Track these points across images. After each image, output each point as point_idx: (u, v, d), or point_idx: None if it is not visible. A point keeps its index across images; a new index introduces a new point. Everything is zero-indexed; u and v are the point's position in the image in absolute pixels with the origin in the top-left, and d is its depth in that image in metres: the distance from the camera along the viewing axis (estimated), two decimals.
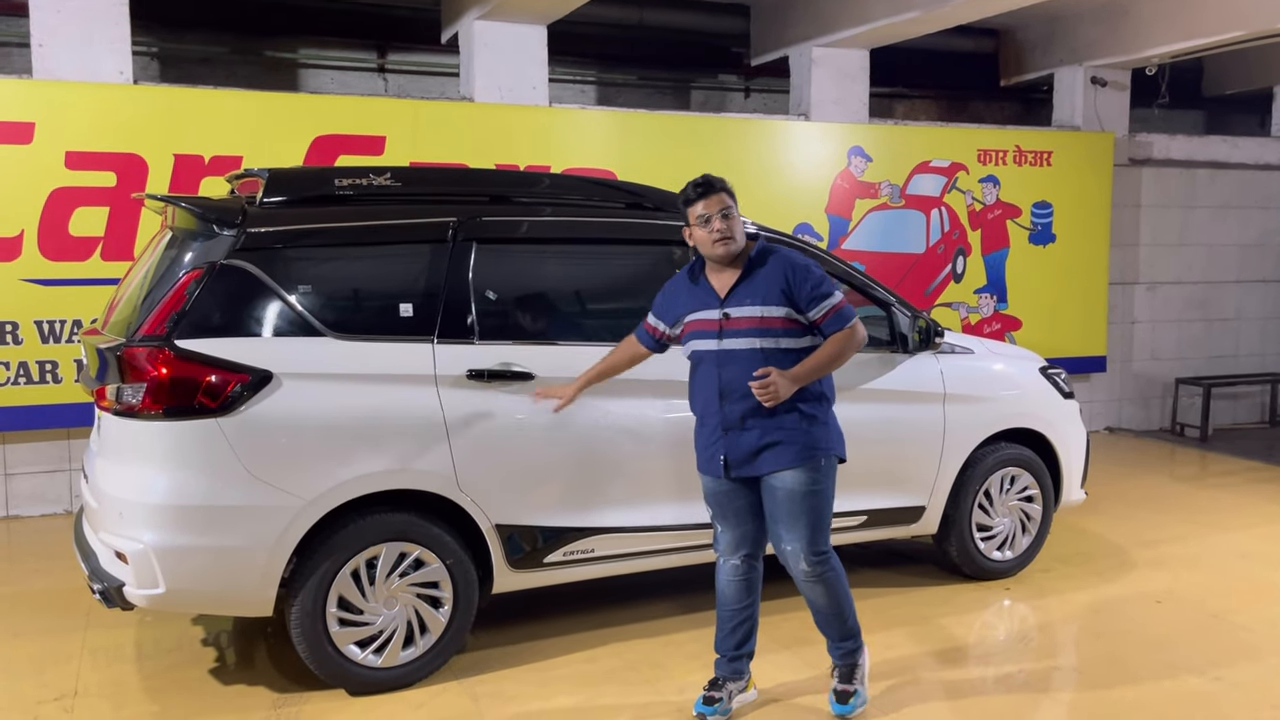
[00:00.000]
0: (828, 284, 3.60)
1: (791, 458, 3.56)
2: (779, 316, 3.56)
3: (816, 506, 3.60)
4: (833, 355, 3.56)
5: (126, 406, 3.63)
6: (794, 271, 3.58)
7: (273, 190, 3.91)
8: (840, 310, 3.57)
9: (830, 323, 3.56)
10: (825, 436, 3.62)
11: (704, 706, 3.74)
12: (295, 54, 8.14)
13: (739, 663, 3.82)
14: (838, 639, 3.80)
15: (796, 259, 3.64)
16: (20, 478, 6.34)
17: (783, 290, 3.56)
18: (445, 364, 3.94)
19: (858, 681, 3.80)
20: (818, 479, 3.59)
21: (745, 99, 9.59)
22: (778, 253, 3.67)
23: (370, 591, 3.84)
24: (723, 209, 3.58)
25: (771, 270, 3.60)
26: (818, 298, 3.56)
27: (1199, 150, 9.54)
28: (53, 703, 3.85)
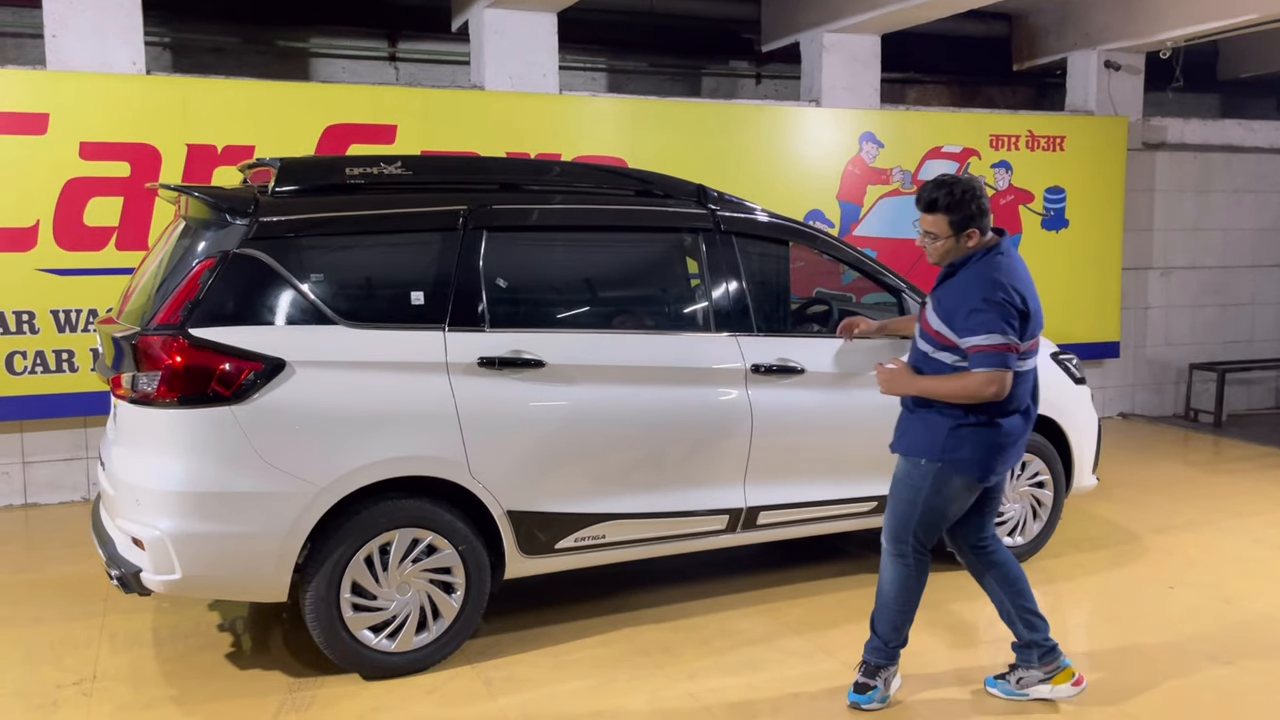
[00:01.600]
0: (990, 321, 3.39)
1: (901, 445, 3.71)
2: (936, 329, 3.57)
3: (904, 499, 3.65)
4: (949, 389, 3.49)
5: (142, 395, 3.67)
6: (969, 289, 3.46)
7: (284, 179, 3.94)
8: (985, 352, 3.39)
9: (972, 358, 3.43)
10: (938, 443, 3.54)
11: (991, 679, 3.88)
12: (306, 43, 8.16)
13: (1025, 651, 3.82)
14: (880, 634, 3.76)
15: (985, 280, 3.45)
16: (38, 465, 6.40)
17: (950, 306, 3.51)
18: (456, 352, 3.96)
19: (879, 681, 3.74)
20: (913, 476, 3.62)
21: (756, 85, 9.56)
22: (981, 264, 3.50)
23: (383, 577, 3.88)
24: (928, 232, 3.56)
25: (958, 282, 3.53)
26: (970, 329, 3.43)
27: (1214, 134, 9.47)
28: (72, 686, 3.91)
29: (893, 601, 3.74)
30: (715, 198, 4.63)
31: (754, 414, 4.44)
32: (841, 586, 4.91)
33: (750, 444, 4.45)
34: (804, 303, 5.20)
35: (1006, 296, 3.42)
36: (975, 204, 3.49)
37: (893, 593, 3.73)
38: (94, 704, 3.77)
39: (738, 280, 4.55)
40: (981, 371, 3.41)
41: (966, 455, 3.54)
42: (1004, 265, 3.50)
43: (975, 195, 3.50)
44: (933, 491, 3.60)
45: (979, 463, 3.56)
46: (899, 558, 3.71)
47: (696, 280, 4.63)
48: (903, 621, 3.75)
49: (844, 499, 4.72)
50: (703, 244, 4.53)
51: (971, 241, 3.52)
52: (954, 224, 3.50)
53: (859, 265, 4.90)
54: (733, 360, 4.45)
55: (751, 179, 7.54)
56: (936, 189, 3.52)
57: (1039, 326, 3.55)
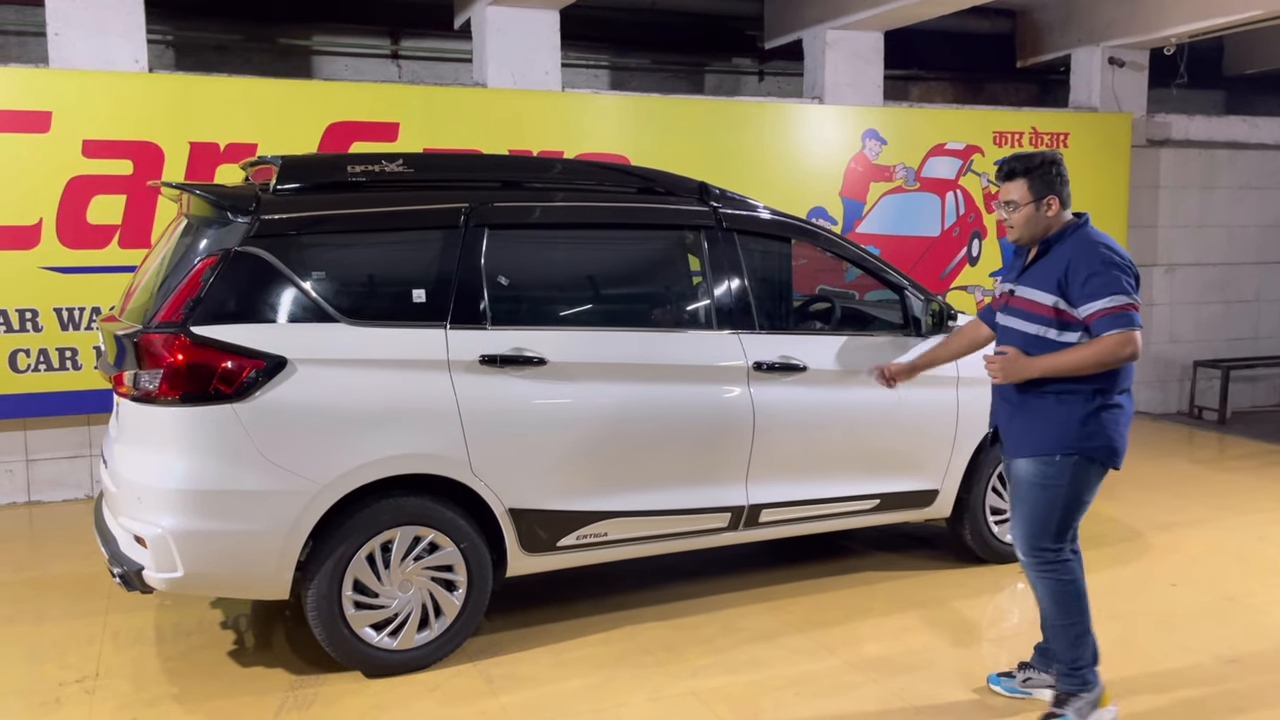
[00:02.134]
0: (1112, 282, 3.28)
1: (1028, 445, 3.47)
2: (1047, 304, 3.40)
3: (1039, 502, 3.45)
4: (1083, 358, 3.31)
5: (144, 392, 3.67)
6: (1077, 258, 3.34)
7: (286, 177, 3.93)
8: (1113, 314, 3.26)
9: (1097, 323, 3.28)
10: (1071, 434, 3.38)
11: (995, 676, 3.84)
12: (309, 41, 8.16)
13: (1048, 655, 3.69)
14: (1063, 658, 3.55)
15: (1092, 246, 3.35)
16: (42, 463, 6.41)
17: (1059, 278, 3.36)
18: (458, 349, 3.96)
19: (1069, 711, 3.48)
20: (1048, 475, 3.42)
21: (759, 82, 9.55)
22: (1078, 236, 3.41)
23: (385, 575, 3.88)
24: (1007, 200, 3.48)
25: (1060, 253, 3.40)
26: (1090, 294, 3.29)
27: (1218, 131, 9.44)
28: (74, 684, 3.91)
29: (1058, 617, 3.53)
30: (717, 195, 4.63)
31: (756, 411, 4.44)
32: (845, 584, 4.91)
33: (752, 441, 4.44)
34: (806, 300, 5.19)
35: (1121, 259, 3.34)
36: (1055, 170, 3.45)
37: (1054, 608, 3.53)
38: (96, 702, 3.78)
39: (740, 277, 4.54)
40: (1115, 333, 3.25)
41: (1102, 442, 3.39)
42: (1103, 236, 3.43)
43: (1055, 162, 3.47)
44: (1071, 486, 3.42)
45: (1114, 447, 3.42)
46: (1047, 567, 3.50)
47: (698, 278, 4.62)
48: (1078, 636, 3.51)
49: (847, 496, 4.72)
50: (705, 241, 4.52)
51: (1051, 211, 3.44)
52: (1033, 188, 3.43)
53: (861, 263, 4.89)
54: (735, 358, 4.44)
55: (754, 176, 7.53)
56: (1017, 159, 3.50)
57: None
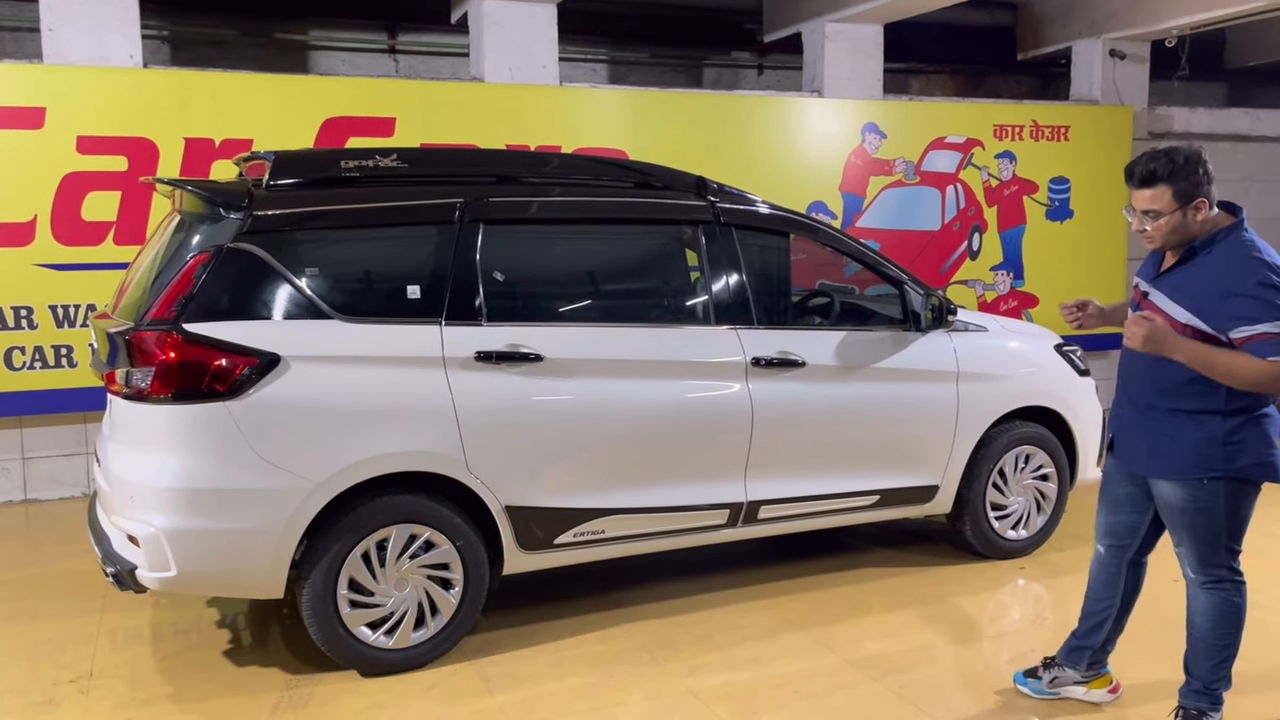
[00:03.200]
0: (1262, 307, 2.99)
1: (1168, 468, 3.24)
2: (1180, 322, 3.12)
3: (1199, 525, 3.24)
4: (1231, 367, 3.01)
5: (136, 390, 3.64)
6: (1225, 276, 3.06)
7: (279, 173, 3.90)
8: (1263, 341, 2.97)
9: (1251, 346, 3.00)
10: (1213, 454, 3.15)
11: (1021, 675, 3.76)
12: (305, 36, 8.12)
13: (1079, 654, 3.63)
14: (1198, 676, 3.39)
15: (1244, 261, 3.05)
16: (38, 461, 6.39)
17: (1199, 297, 3.09)
18: (453, 346, 3.92)
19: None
20: (1199, 497, 3.20)
21: (759, 76, 9.51)
22: (1229, 244, 3.10)
23: (381, 573, 3.85)
24: (1145, 210, 3.15)
25: (1205, 268, 3.11)
26: (1241, 317, 3.01)
27: (1220, 123, 9.39)
28: (69, 684, 3.89)
29: (1212, 636, 3.36)
30: (715, 189, 4.59)
31: (754, 407, 4.40)
32: (844, 581, 4.88)
33: (751, 437, 4.41)
34: (805, 295, 5.16)
35: (1275, 274, 3.02)
36: (1202, 169, 3.10)
37: (1211, 627, 3.36)
38: (91, 701, 3.75)
39: (738, 273, 4.51)
40: (1274, 361, 2.96)
41: (1250, 459, 3.16)
42: (1259, 244, 3.11)
43: (1201, 160, 3.11)
44: (1230, 509, 3.21)
45: (1265, 464, 3.19)
46: (1217, 586, 3.32)
47: (696, 273, 4.59)
48: (1226, 659, 3.37)
49: (846, 492, 4.69)
50: (702, 236, 4.49)
51: (1200, 215, 3.11)
52: (1179, 195, 3.08)
53: (861, 257, 4.86)
54: (733, 353, 4.41)
55: (753, 170, 7.49)
56: (1154, 159, 3.12)
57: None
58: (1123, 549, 3.52)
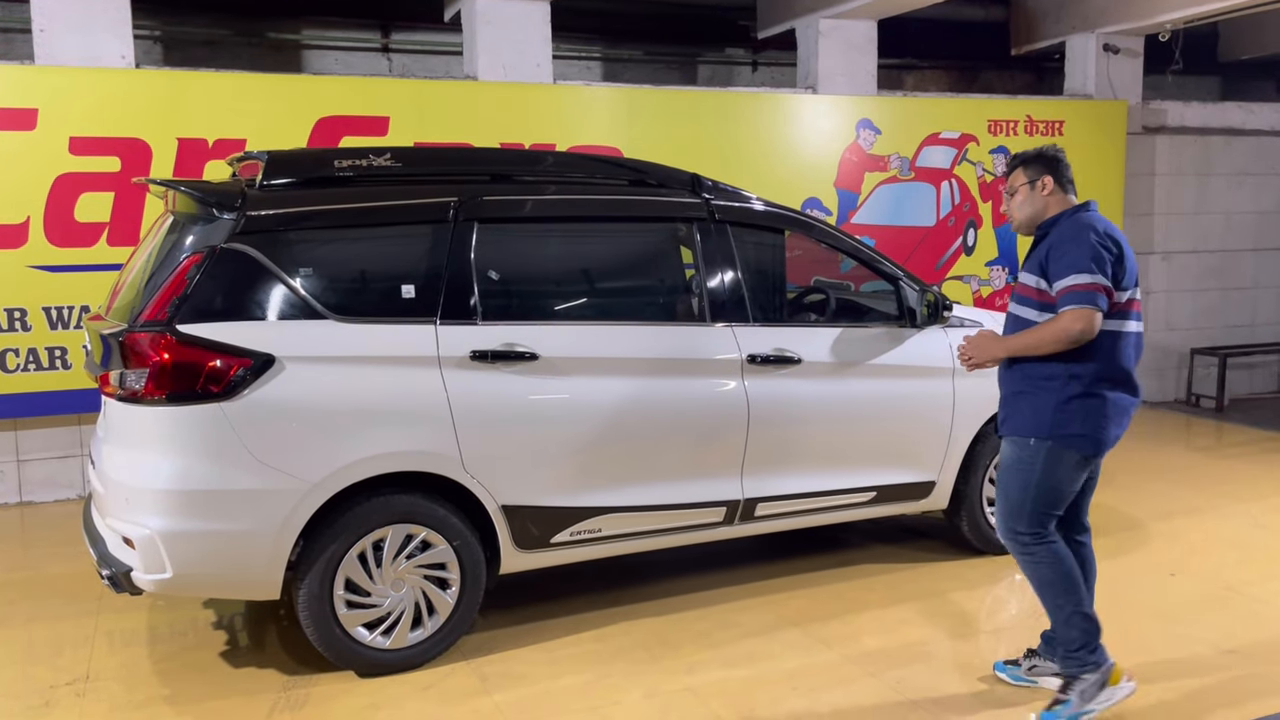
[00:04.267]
0: (1079, 260, 3.32)
1: (1007, 427, 3.58)
2: (1031, 286, 3.51)
3: (1010, 484, 3.53)
4: (1039, 337, 3.39)
5: (130, 392, 3.62)
6: (1060, 239, 3.42)
7: (272, 173, 3.89)
8: (1072, 291, 3.31)
9: (1060, 300, 3.35)
10: (1046, 419, 3.43)
11: (1001, 664, 3.85)
12: (298, 35, 8.10)
13: (1054, 644, 3.67)
14: (1060, 640, 3.57)
15: (1078, 228, 3.40)
16: (33, 464, 6.37)
17: (1041, 260, 3.47)
18: (448, 345, 3.91)
19: (1073, 694, 3.48)
20: (1020, 458, 3.49)
21: (753, 73, 9.50)
22: (1065, 223, 3.47)
23: (377, 573, 3.84)
24: (1009, 188, 3.65)
25: (1046, 242, 3.50)
26: (1058, 272, 3.36)
27: (1214, 117, 9.40)
28: (65, 686, 3.88)
29: (1044, 600, 3.57)
30: (710, 186, 4.58)
31: (750, 405, 4.40)
32: (841, 578, 4.88)
33: (747, 435, 4.41)
34: (801, 292, 5.16)
35: (1098, 239, 3.36)
36: (1051, 157, 3.57)
37: (1039, 592, 3.57)
38: (87, 704, 3.74)
39: (733, 270, 4.50)
40: (1067, 310, 3.31)
41: (1077, 429, 3.42)
42: (1095, 219, 3.46)
43: (1053, 152, 3.59)
44: (1045, 472, 3.46)
45: (1090, 436, 3.44)
46: (1023, 552, 3.56)
47: (691, 270, 4.58)
48: (1066, 618, 3.51)
49: (843, 489, 4.69)
50: (697, 234, 4.48)
51: (1046, 190, 3.53)
52: (1028, 171, 3.57)
53: (856, 253, 4.86)
54: (729, 351, 4.40)
55: (748, 167, 7.48)
56: (1020, 152, 3.68)
57: (1133, 281, 3.45)
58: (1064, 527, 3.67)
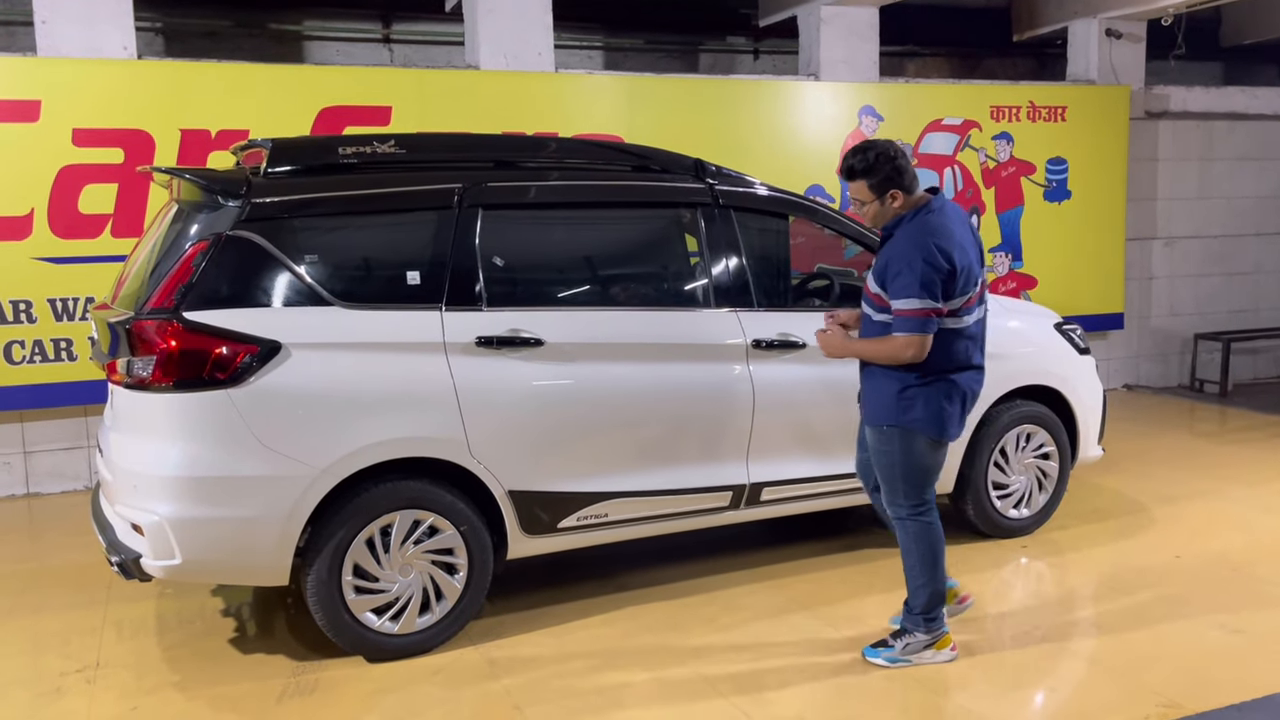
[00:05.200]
0: (911, 284, 3.50)
1: (867, 415, 3.83)
2: (873, 290, 3.70)
3: (883, 466, 3.80)
4: (875, 351, 3.68)
5: (137, 379, 3.64)
6: (898, 254, 3.57)
7: (276, 160, 3.90)
8: (904, 317, 3.54)
9: (894, 322, 3.60)
10: (892, 408, 3.68)
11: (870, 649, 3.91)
12: (299, 26, 8.09)
13: None
14: (910, 601, 3.86)
15: (915, 242, 3.54)
16: (40, 455, 6.39)
17: (882, 269, 3.64)
18: (454, 331, 3.92)
19: (898, 643, 3.82)
20: (880, 442, 3.77)
21: (754, 61, 9.48)
22: (912, 225, 3.60)
23: (385, 559, 3.85)
24: (854, 197, 3.71)
25: (891, 245, 3.64)
26: (894, 293, 3.57)
27: (1217, 102, 9.38)
28: (76, 674, 3.90)
29: (908, 567, 3.85)
30: (713, 172, 4.59)
31: (756, 389, 4.41)
32: (847, 561, 4.89)
33: (752, 420, 4.42)
34: (805, 277, 5.15)
35: (929, 258, 3.51)
36: (891, 165, 3.59)
37: (907, 558, 3.85)
38: (97, 691, 3.76)
39: (737, 255, 4.50)
40: (900, 336, 3.56)
41: (919, 414, 3.67)
42: (933, 224, 3.59)
43: (890, 157, 3.59)
44: (903, 454, 3.73)
45: (932, 421, 3.68)
46: (897, 521, 3.87)
47: (696, 256, 4.59)
48: (919, 586, 3.80)
49: (848, 473, 4.68)
50: (701, 219, 4.48)
51: (897, 203, 3.63)
52: (873, 187, 3.62)
53: (860, 238, 4.85)
54: (733, 336, 4.41)
55: (751, 155, 7.48)
56: (851, 156, 3.64)
57: (972, 282, 3.64)
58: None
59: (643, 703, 3.60)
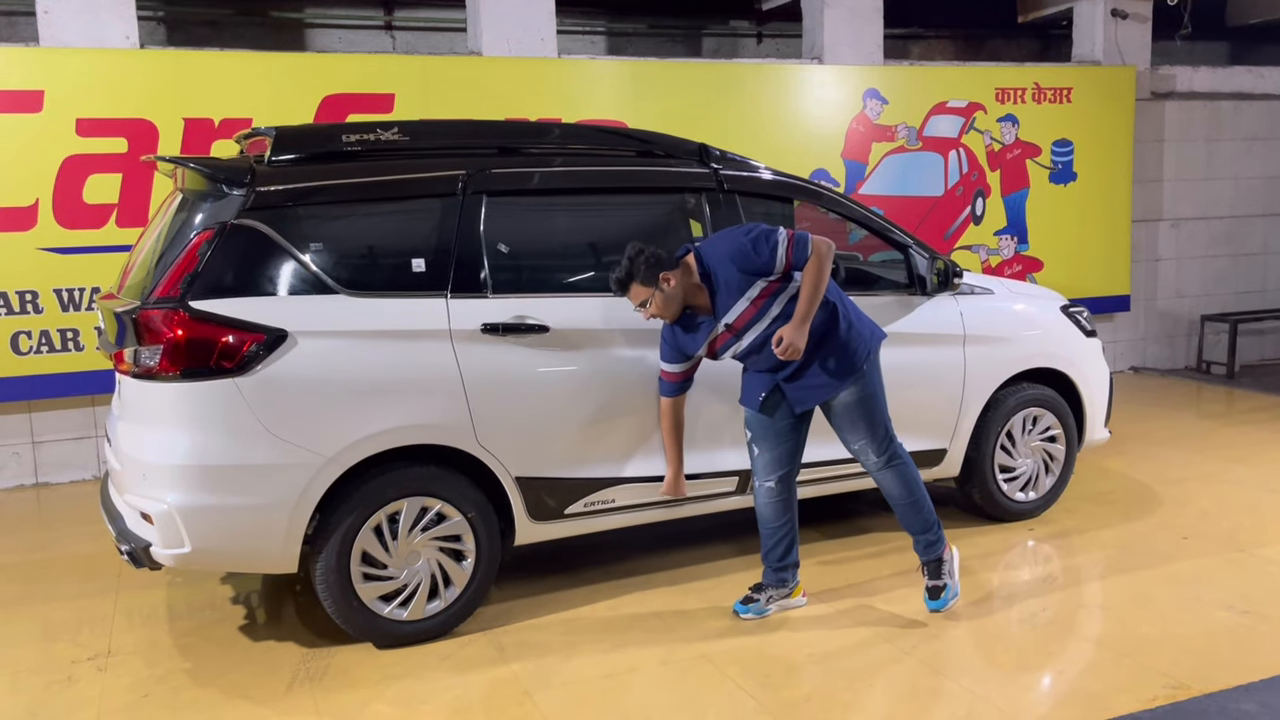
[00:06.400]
0: (768, 232, 3.78)
1: (842, 377, 3.90)
2: (761, 290, 3.81)
3: (872, 408, 3.96)
4: (814, 283, 3.76)
5: (144, 369, 3.64)
6: (736, 253, 3.79)
7: (280, 149, 3.89)
8: (794, 240, 3.77)
9: (796, 257, 3.77)
10: (858, 342, 3.91)
11: (740, 605, 4.14)
12: (301, 14, 8.08)
13: (783, 573, 4.16)
14: (918, 530, 4.10)
15: (726, 247, 3.81)
16: (48, 445, 6.41)
17: (737, 276, 3.79)
18: (459, 319, 3.92)
19: (946, 575, 4.09)
20: (866, 384, 3.93)
21: (758, 44, 9.45)
22: (711, 250, 3.86)
23: (393, 546, 3.86)
24: (640, 301, 3.83)
25: (714, 269, 3.82)
26: (772, 249, 3.76)
27: (1223, 82, 9.33)
28: (87, 662, 3.92)
29: (908, 494, 4.10)
30: (717, 156, 4.57)
31: None
32: (853, 546, 4.90)
33: None
34: None
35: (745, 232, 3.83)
36: (643, 258, 3.77)
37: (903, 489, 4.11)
38: (109, 678, 3.78)
39: None
40: (808, 253, 3.76)
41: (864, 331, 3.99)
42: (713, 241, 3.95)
43: (639, 254, 3.78)
44: (878, 386, 4.00)
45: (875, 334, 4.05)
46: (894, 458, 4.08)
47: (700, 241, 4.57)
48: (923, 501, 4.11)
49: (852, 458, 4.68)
50: (706, 204, 4.47)
51: (673, 282, 3.80)
52: (645, 283, 3.79)
53: (866, 222, 4.84)
54: None
55: (755, 139, 7.46)
56: (615, 272, 3.82)
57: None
58: (788, 474, 4.10)
59: (650, 687, 3.62)
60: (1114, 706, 3.39)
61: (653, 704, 3.50)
